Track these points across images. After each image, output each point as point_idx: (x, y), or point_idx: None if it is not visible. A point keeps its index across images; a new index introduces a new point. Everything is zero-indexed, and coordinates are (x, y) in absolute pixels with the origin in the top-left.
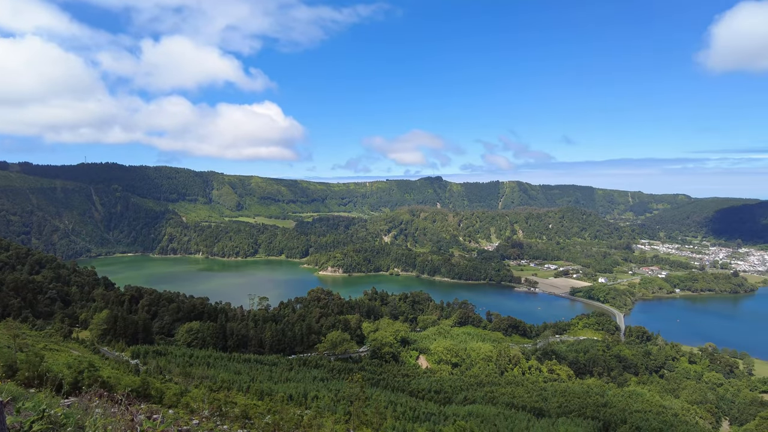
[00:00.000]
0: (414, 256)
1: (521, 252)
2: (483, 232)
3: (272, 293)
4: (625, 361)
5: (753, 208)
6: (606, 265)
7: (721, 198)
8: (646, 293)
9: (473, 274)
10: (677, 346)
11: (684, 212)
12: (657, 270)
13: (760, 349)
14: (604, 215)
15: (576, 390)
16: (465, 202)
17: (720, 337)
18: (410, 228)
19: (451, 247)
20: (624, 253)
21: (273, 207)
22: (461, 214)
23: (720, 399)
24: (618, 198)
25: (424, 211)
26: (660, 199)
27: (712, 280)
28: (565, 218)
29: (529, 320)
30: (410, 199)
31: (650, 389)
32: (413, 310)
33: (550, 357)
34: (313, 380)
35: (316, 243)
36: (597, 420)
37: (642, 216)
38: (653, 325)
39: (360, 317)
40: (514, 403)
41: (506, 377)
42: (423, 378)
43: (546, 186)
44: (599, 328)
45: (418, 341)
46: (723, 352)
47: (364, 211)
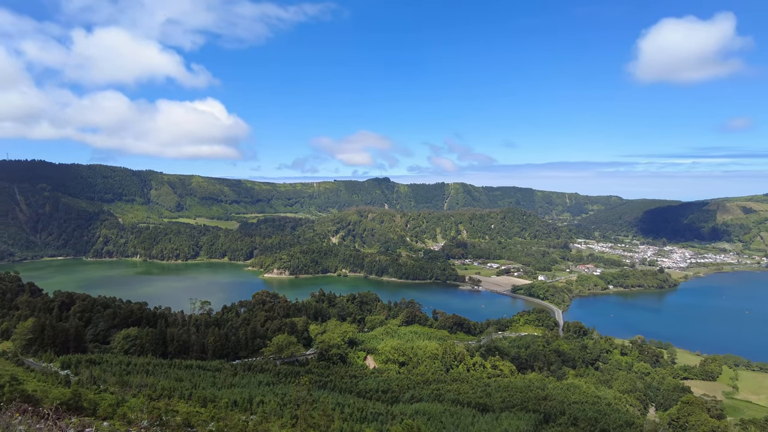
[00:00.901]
0: (362, 256)
1: (465, 251)
2: (429, 232)
3: (215, 297)
4: (563, 355)
5: (676, 209)
6: (545, 264)
7: (649, 200)
8: (582, 290)
9: (420, 273)
10: (611, 339)
11: (616, 213)
12: (592, 268)
13: (681, 339)
14: (543, 216)
15: (518, 385)
16: (412, 202)
17: (648, 329)
18: (358, 229)
19: (399, 247)
20: (562, 252)
21: (215, 208)
22: (408, 215)
23: (647, 387)
24: (556, 199)
25: (372, 211)
26: (595, 200)
27: (641, 277)
28: (507, 219)
29: (473, 318)
30: (358, 200)
31: (586, 381)
32: (361, 311)
33: (493, 353)
34: (259, 385)
35: (261, 245)
36: (538, 413)
37: (578, 216)
38: (589, 320)
39: (307, 320)
40: (460, 399)
41: (452, 374)
42: (371, 378)
43: (489, 188)
44: (539, 324)
45: (366, 342)
46: (650, 343)
47: (312, 211)
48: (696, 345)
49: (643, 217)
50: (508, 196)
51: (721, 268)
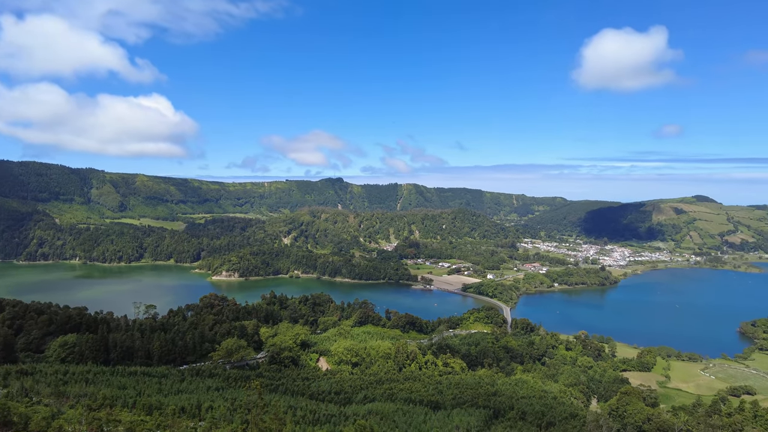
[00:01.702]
0: (315, 257)
1: (418, 251)
2: (383, 232)
3: (160, 301)
4: (512, 351)
5: (616, 210)
6: (494, 263)
7: (591, 201)
8: (529, 288)
9: (373, 273)
10: (556, 335)
11: (561, 213)
12: (538, 266)
13: (621, 333)
14: (492, 216)
15: (469, 381)
16: (365, 203)
17: (591, 324)
18: (311, 229)
19: (352, 247)
20: (509, 251)
21: (161, 208)
22: (362, 215)
23: (590, 380)
24: (504, 200)
25: (325, 212)
26: (540, 201)
27: (584, 275)
28: (458, 219)
29: (425, 316)
30: (311, 200)
31: (534, 376)
32: (314, 313)
33: (444, 351)
34: (208, 390)
35: (210, 246)
36: (488, 408)
37: (525, 217)
38: (536, 317)
39: (257, 322)
40: (412, 398)
41: (404, 373)
42: (323, 380)
43: (440, 189)
44: (489, 322)
45: (319, 343)
46: (593, 338)
47: (262, 212)
48: (634, 338)
49: (585, 217)
50: (458, 197)
51: (656, 265)
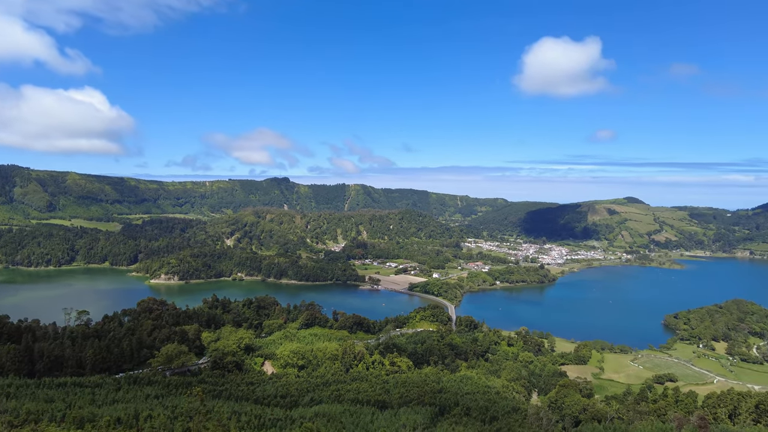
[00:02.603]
0: (259, 259)
1: (365, 252)
2: (330, 233)
3: (94, 306)
4: (456, 348)
5: (554, 210)
6: (439, 262)
7: (531, 202)
8: (473, 286)
9: (320, 275)
10: (499, 331)
11: (502, 214)
12: (481, 265)
13: (559, 329)
14: (437, 217)
15: (415, 379)
16: (313, 203)
17: (531, 320)
18: (255, 230)
19: (299, 248)
20: (454, 251)
21: (94, 208)
22: (309, 216)
23: (531, 374)
24: (449, 201)
25: (270, 212)
26: (483, 202)
27: (524, 273)
28: (404, 219)
29: (373, 316)
30: (255, 200)
31: (478, 372)
32: (258, 316)
33: (391, 350)
34: (146, 399)
35: (147, 248)
36: (434, 406)
37: (469, 217)
38: (479, 314)
39: (199, 327)
40: (359, 398)
41: (351, 374)
42: (269, 384)
43: (387, 189)
44: (434, 320)
45: (264, 347)
46: (533, 334)
47: (204, 212)
48: (571, 333)
49: (525, 217)
50: (405, 197)
51: (591, 263)
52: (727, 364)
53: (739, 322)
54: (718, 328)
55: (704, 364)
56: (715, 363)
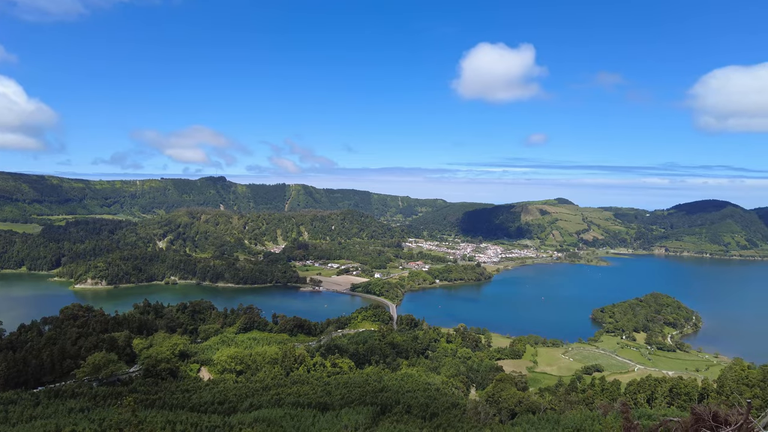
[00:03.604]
0: (194, 262)
1: (307, 253)
2: (269, 234)
3: (9, 315)
4: (397, 347)
5: (490, 211)
6: (381, 262)
7: (468, 203)
8: (413, 285)
9: (259, 277)
10: (438, 329)
11: (442, 214)
12: (421, 264)
13: (495, 325)
14: (379, 217)
15: (357, 380)
16: (251, 203)
17: (469, 317)
18: (190, 231)
19: (236, 250)
20: (395, 251)
21: (9, 208)
22: (247, 217)
23: (469, 370)
24: (390, 202)
25: (205, 213)
26: (423, 203)
27: (462, 271)
28: (346, 220)
29: (314, 318)
30: (190, 201)
31: (418, 370)
32: (194, 321)
33: (333, 352)
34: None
35: (72, 251)
36: (376, 405)
37: (410, 218)
38: (419, 312)
39: (130, 334)
40: (300, 401)
41: (292, 377)
42: (205, 390)
43: (329, 190)
44: (376, 320)
45: (200, 353)
46: (471, 330)
47: (135, 213)
48: (506, 329)
49: (463, 217)
50: (347, 198)
51: (524, 261)
52: (646, 353)
53: (656, 314)
54: (638, 320)
55: (627, 353)
56: (636, 352)
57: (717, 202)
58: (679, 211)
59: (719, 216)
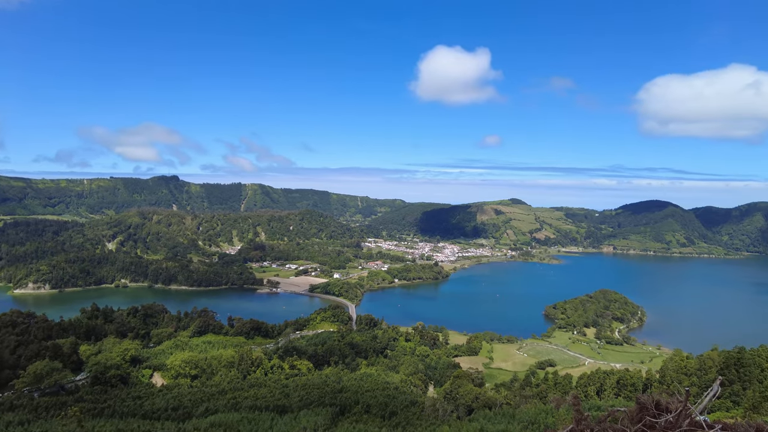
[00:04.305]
0: (146, 264)
1: (264, 254)
2: (225, 235)
3: None
4: (357, 347)
5: (447, 211)
6: (340, 262)
7: (426, 203)
8: (372, 285)
9: (214, 279)
10: (397, 328)
11: (400, 214)
12: (381, 264)
13: (452, 322)
14: (338, 217)
15: (315, 381)
16: (205, 204)
17: (427, 316)
18: (141, 232)
19: (190, 252)
20: (355, 251)
21: None
22: (201, 217)
23: (427, 367)
24: (350, 202)
25: (158, 213)
26: (383, 203)
27: (420, 270)
28: (305, 220)
29: (272, 320)
30: (141, 200)
31: (377, 369)
32: (145, 325)
33: (291, 353)
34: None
35: (11, 254)
36: (335, 406)
37: (369, 218)
38: (379, 312)
39: (76, 340)
40: (258, 404)
41: (249, 380)
42: (158, 396)
43: (287, 189)
44: (335, 320)
45: (152, 357)
46: (429, 328)
47: (81, 213)
48: (463, 326)
49: (421, 217)
50: (305, 198)
51: (480, 260)
52: (595, 347)
53: (605, 310)
54: (588, 315)
55: (578, 348)
56: (587, 347)
57: (659, 203)
58: (625, 210)
59: (662, 215)
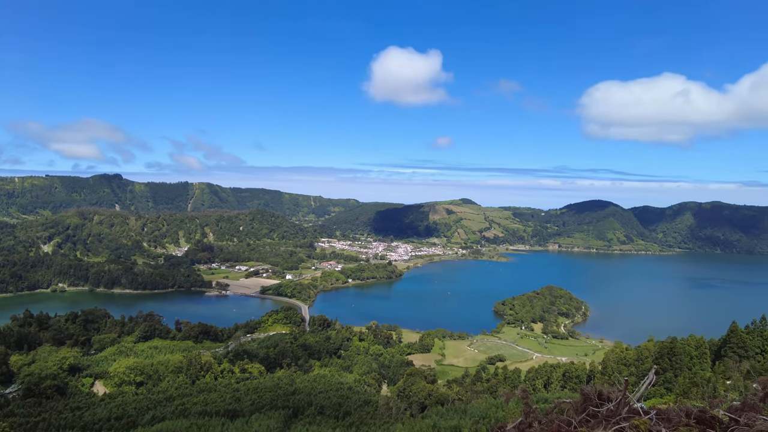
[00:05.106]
0: (86, 266)
1: (212, 255)
2: (171, 236)
3: None
4: (310, 348)
5: (400, 210)
6: (293, 263)
7: (380, 203)
8: (326, 285)
9: (160, 282)
10: (351, 328)
11: (354, 214)
12: (334, 264)
13: (406, 321)
14: (290, 217)
15: (268, 384)
16: (150, 203)
17: (380, 315)
18: (81, 234)
19: (134, 254)
20: (308, 251)
21: None
22: (146, 217)
23: (381, 366)
24: (302, 202)
25: (99, 213)
26: (336, 203)
27: (374, 270)
28: (256, 220)
29: (221, 323)
30: (81, 200)
31: (331, 370)
32: (86, 331)
33: (242, 357)
34: None
35: None
36: (288, 408)
37: (322, 218)
38: (332, 312)
39: (6, 350)
40: (208, 410)
41: (198, 385)
42: (100, 406)
43: (237, 189)
44: (288, 322)
45: (94, 365)
46: (383, 327)
47: (12, 213)
48: (416, 324)
49: (375, 217)
50: (256, 197)
51: (432, 258)
52: (542, 342)
53: (551, 305)
54: (535, 311)
55: (526, 343)
56: (534, 341)
57: (601, 202)
58: (570, 210)
59: (603, 215)
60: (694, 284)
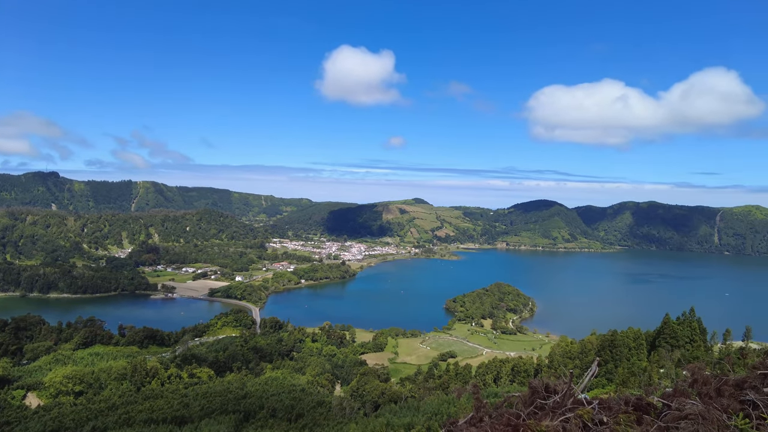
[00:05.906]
0: (17, 270)
1: (158, 257)
2: (113, 237)
3: None
4: (261, 351)
5: (354, 210)
6: (243, 264)
7: (333, 202)
8: (278, 286)
9: (102, 285)
10: (303, 329)
11: (307, 213)
12: (287, 265)
13: (359, 320)
14: (240, 217)
15: (217, 389)
16: (91, 203)
17: (334, 315)
18: (11, 235)
19: (73, 256)
20: (259, 252)
21: None
22: (86, 218)
23: (335, 367)
24: (253, 201)
25: (33, 213)
26: (288, 202)
27: (328, 270)
28: (203, 220)
29: (168, 327)
30: (11, 199)
31: (283, 372)
32: (17, 339)
33: (190, 362)
34: None
35: None
36: (238, 412)
37: (274, 217)
38: (284, 314)
39: None
40: (154, 417)
41: (144, 392)
42: (33, 420)
43: (184, 188)
44: (238, 325)
45: (26, 376)
46: (336, 327)
47: None
48: (369, 323)
49: (328, 217)
50: (204, 197)
51: (386, 257)
52: (492, 338)
53: (500, 302)
54: (485, 308)
55: (476, 339)
56: (484, 337)
57: (547, 202)
58: (517, 209)
59: (549, 214)
60: (632, 279)
